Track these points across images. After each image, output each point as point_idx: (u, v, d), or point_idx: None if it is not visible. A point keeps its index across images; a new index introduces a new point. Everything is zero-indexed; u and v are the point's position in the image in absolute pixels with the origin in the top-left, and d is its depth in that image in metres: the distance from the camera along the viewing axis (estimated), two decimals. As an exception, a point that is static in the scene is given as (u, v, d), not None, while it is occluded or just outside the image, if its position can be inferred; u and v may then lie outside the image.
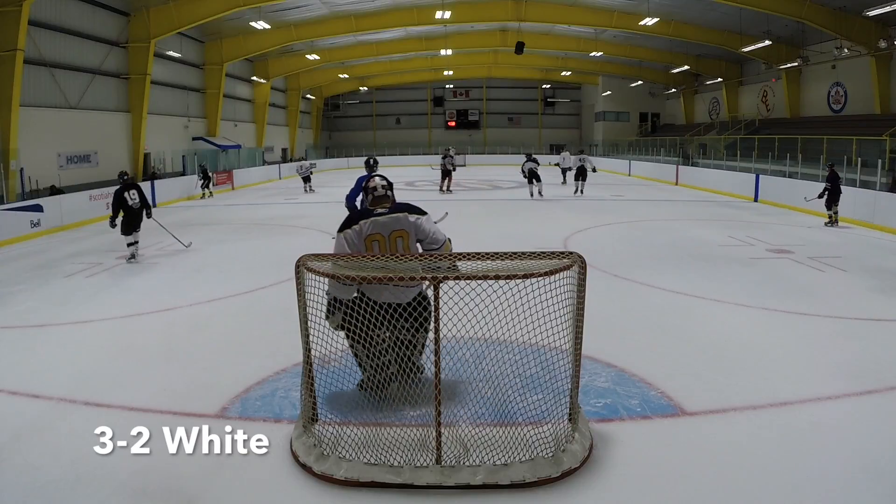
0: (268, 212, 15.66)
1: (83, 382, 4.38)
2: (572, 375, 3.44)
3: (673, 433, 3.60)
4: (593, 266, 4.46)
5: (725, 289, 6.90)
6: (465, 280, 3.12)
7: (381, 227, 3.71)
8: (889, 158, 15.06)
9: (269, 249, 9.91)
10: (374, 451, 3.21)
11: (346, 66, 35.17)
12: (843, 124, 21.01)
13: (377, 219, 3.73)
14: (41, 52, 15.71)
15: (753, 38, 22.52)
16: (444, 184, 19.66)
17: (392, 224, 3.72)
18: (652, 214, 14.15)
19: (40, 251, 10.39)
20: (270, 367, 4.58)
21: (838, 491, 2.99)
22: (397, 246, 3.70)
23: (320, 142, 43.48)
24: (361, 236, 3.72)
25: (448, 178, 19.60)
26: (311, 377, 3.46)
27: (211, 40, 25.11)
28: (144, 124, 19.97)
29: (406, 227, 3.74)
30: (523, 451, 3.19)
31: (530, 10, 23.39)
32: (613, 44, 29.13)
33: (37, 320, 6.07)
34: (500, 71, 39.60)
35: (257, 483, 3.11)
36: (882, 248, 9.72)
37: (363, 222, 3.73)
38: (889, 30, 19.53)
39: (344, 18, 24.33)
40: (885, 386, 4.21)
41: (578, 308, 3.33)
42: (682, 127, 34.80)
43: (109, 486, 3.06)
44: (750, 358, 4.76)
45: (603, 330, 5.19)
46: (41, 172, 14.41)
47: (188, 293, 7.04)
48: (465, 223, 12.78)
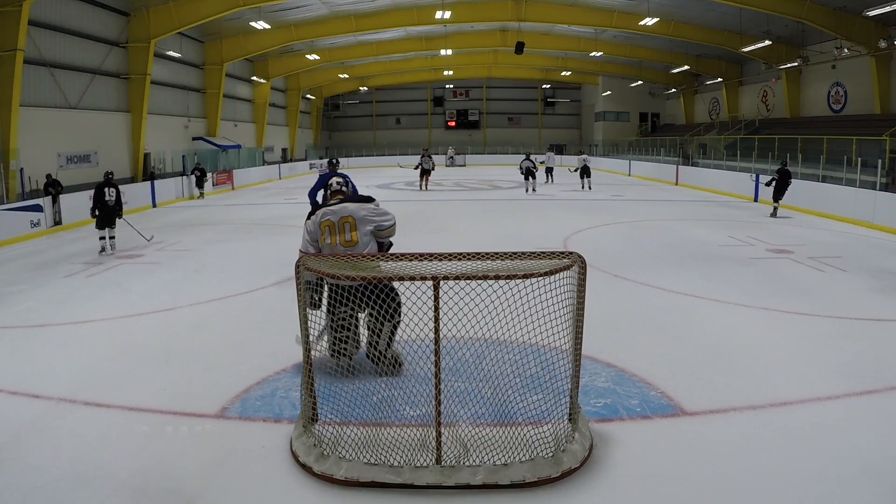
0: (268, 212, 15.66)
1: (83, 382, 4.38)
2: (572, 375, 3.44)
3: (673, 433, 3.60)
4: (593, 266, 4.47)
5: (725, 289, 6.90)
6: (465, 280, 3.12)
7: (332, 214, 4.45)
8: (889, 158, 15.06)
9: (269, 249, 9.91)
10: (374, 451, 3.21)
11: (346, 66, 35.19)
12: (843, 124, 21.01)
13: (330, 208, 4.50)
14: (41, 52, 15.71)
15: (753, 38, 22.53)
16: (423, 182, 20.92)
17: (340, 211, 4.45)
18: (652, 214, 14.15)
19: (40, 251, 10.40)
20: (270, 367, 4.58)
21: (838, 491, 2.99)
22: (345, 229, 4.42)
23: (320, 142, 43.49)
24: (316, 223, 4.47)
25: (426, 177, 20.92)
26: (311, 377, 3.46)
27: (211, 40, 25.12)
28: (144, 124, 19.98)
29: (352, 214, 4.44)
30: (523, 451, 3.19)
31: (530, 10, 23.40)
32: (613, 44, 29.14)
33: (37, 320, 6.07)
34: (500, 71, 39.62)
35: (257, 483, 3.11)
36: (882, 248, 9.72)
37: (319, 211, 4.52)
38: (889, 30, 19.53)
39: (344, 18, 24.34)
40: (885, 386, 4.21)
41: (578, 308, 3.33)
42: (682, 127, 34.81)
43: (109, 486, 3.06)
44: (750, 358, 4.76)
45: (603, 330, 5.19)
46: (41, 172, 14.41)
47: (188, 293, 7.05)
48: (465, 223, 12.79)
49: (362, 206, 4.50)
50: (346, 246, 4.38)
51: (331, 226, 4.41)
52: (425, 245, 5.25)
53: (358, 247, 4.39)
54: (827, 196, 13.92)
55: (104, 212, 9.66)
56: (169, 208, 17.23)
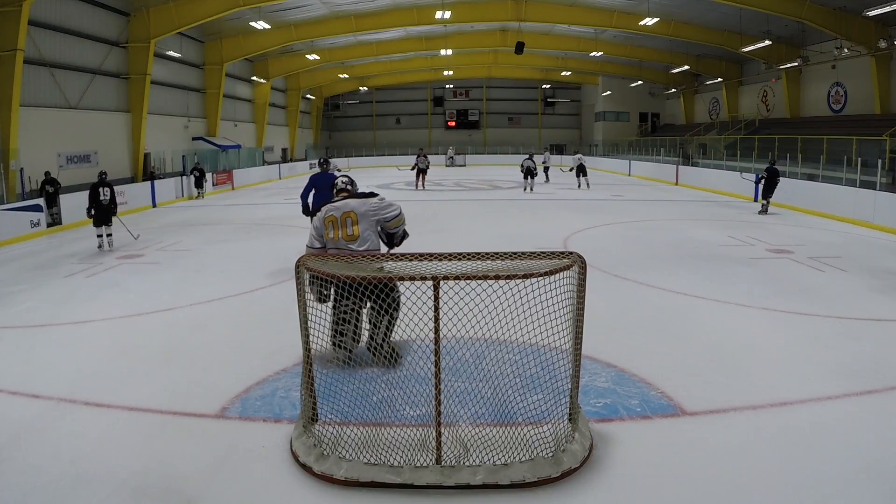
0: (268, 212, 15.66)
1: (83, 382, 4.38)
2: (572, 375, 3.44)
3: (673, 433, 3.60)
4: (593, 266, 4.47)
5: (725, 289, 6.90)
6: (465, 280, 3.12)
7: (335, 210, 4.66)
8: (889, 158, 15.06)
9: (269, 249, 9.90)
10: (374, 451, 3.21)
11: (346, 66, 35.18)
12: (843, 124, 21.01)
13: (334, 204, 4.72)
14: (41, 52, 15.71)
15: (753, 38, 22.52)
16: (419, 181, 21.32)
17: (343, 207, 4.65)
18: (652, 214, 14.15)
19: (40, 251, 10.40)
20: (270, 367, 4.58)
21: (838, 491, 2.99)
22: (347, 224, 4.61)
23: (320, 142, 43.49)
24: (321, 218, 4.70)
25: (422, 176, 21.35)
26: (311, 377, 3.46)
27: (211, 40, 25.11)
28: (144, 124, 19.97)
29: (353, 209, 4.63)
30: (523, 451, 3.19)
31: (530, 10, 23.40)
32: (613, 44, 29.13)
33: (37, 320, 6.07)
34: (500, 71, 39.61)
35: (257, 483, 3.11)
36: (882, 248, 9.72)
37: (324, 207, 4.75)
38: (889, 30, 19.53)
39: (344, 18, 24.33)
40: (885, 386, 4.21)
41: (578, 308, 3.33)
42: (682, 127, 34.81)
43: (109, 486, 3.06)
44: (750, 358, 4.76)
45: (603, 330, 5.19)
46: (41, 172, 14.39)
47: (188, 293, 7.04)
48: (465, 223, 12.80)
49: (364, 201, 4.68)
50: (348, 240, 4.57)
51: (334, 221, 4.62)
52: (425, 245, 5.25)
53: (359, 240, 4.57)
54: (827, 196, 13.92)
55: (100, 210, 10.00)
56: (169, 208, 17.23)
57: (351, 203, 4.66)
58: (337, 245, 4.58)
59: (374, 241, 4.66)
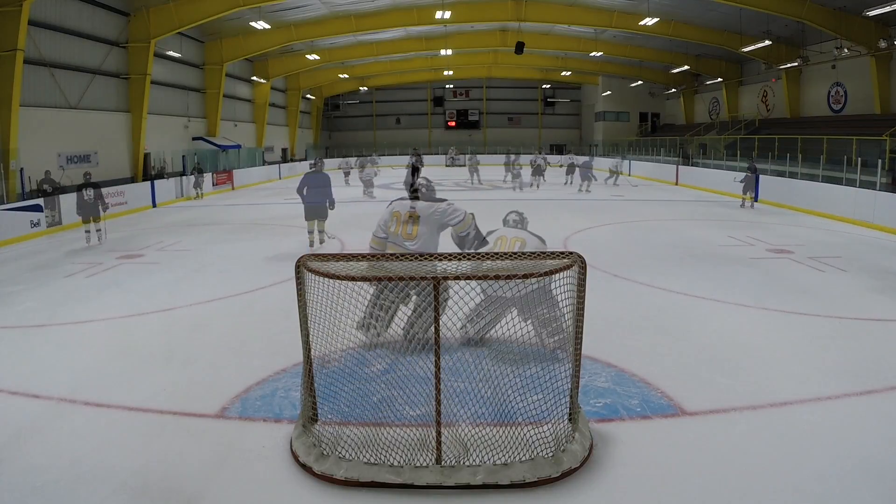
0: (268, 212, 15.66)
1: (83, 382, 4.38)
2: (572, 375, 3.44)
3: (673, 433, 3.60)
4: (593, 266, 4.47)
5: (725, 289, 6.90)
6: (465, 280, 3.12)
7: (402, 206, 4.96)
8: (889, 158, 15.06)
9: (269, 249, 9.90)
10: (374, 451, 3.21)
11: (346, 66, 35.16)
12: (843, 124, 21.00)
13: (402, 201, 5.01)
14: (41, 52, 15.71)
15: (753, 38, 22.51)
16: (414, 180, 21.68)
17: (410, 205, 4.92)
18: (652, 214, 14.15)
19: (40, 251, 10.40)
20: (270, 367, 4.58)
21: (838, 491, 2.99)
22: (409, 222, 4.85)
23: (320, 142, 43.48)
24: (388, 209, 5.00)
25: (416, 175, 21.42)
26: (311, 377, 3.46)
27: (211, 40, 25.10)
28: (144, 124, 19.97)
29: (419, 211, 4.87)
30: (523, 451, 3.19)
31: (530, 10, 23.39)
32: (613, 44, 29.12)
33: (37, 320, 6.07)
34: (500, 71, 39.58)
35: (257, 483, 3.11)
36: (882, 248, 9.72)
37: (394, 202, 5.04)
38: (889, 30, 19.52)
39: (344, 18, 24.32)
40: (885, 386, 4.21)
41: (578, 308, 3.33)
42: (682, 127, 34.80)
43: (109, 486, 3.06)
44: (750, 358, 4.76)
45: (603, 330, 5.20)
46: (41, 172, 14.40)
47: (188, 293, 7.04)
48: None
49: (432, 205, 4.93)
50: (406, 238, 4.84)
51: (398, 216, 4.93)
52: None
53: (416, 240, 4.82)
54: (827, 196, 13.92)
55: (84, 209, 10.65)
56: (169, 208, 17.23)
57: (419, 205, 4.93)
58: (395, 240, 4.86)
59: (432, 244, 4.85)
